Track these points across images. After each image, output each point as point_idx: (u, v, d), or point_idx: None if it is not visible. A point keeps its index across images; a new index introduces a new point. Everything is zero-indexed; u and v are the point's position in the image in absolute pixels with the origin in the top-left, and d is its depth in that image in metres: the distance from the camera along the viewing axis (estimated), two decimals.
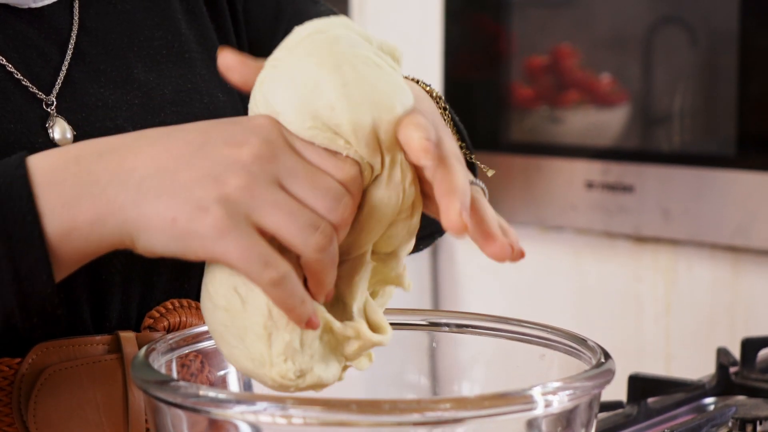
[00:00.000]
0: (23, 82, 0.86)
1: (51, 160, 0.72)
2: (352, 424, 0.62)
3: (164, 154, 0.70)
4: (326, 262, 0.69)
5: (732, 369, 1.22)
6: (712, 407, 1.16)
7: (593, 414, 0.71)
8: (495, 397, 0.64)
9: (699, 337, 1.93)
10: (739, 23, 1.80)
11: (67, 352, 0.83)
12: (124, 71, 0.91)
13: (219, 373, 0.80)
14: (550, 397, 0.65)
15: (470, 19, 2.11)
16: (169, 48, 0.95)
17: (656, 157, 1.92)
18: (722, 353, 1.23)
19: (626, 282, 2.00)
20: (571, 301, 2.07)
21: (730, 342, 1.50)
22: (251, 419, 0.64)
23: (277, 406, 0.63)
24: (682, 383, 1.18)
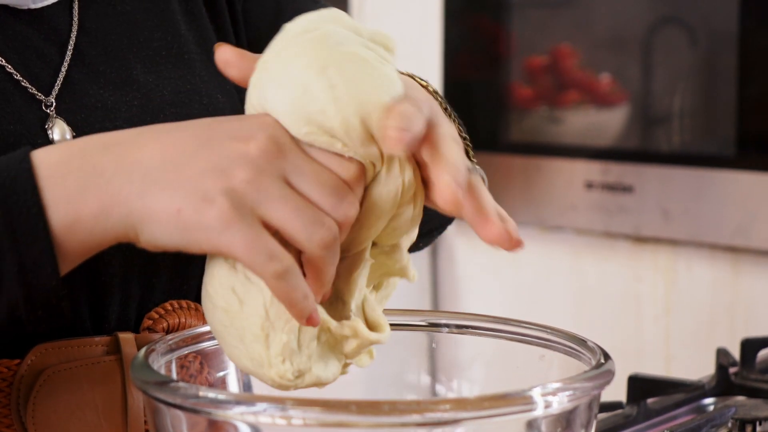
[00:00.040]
0: (23, 83, 0.86)
1: (55, 154, 0.72)
2: (351, 425, 0.62)
3: (170, 147, 0.70)
4: (328, 260, 0.69)
5: (732, 369, 1.21)
6: (711, 408, 1.16)
7: (593, 415, 0.71)
8: (495, 397, 0.64)
9: (699, 337, 1.93)
10: (738, 23, 1.80)
11: (66, 353, 0.83)
12: (123, 72, 0.91)
13: (218, 374, 0.80)
14: (550, 398, 0.65)
15: (470, 19, 2.11)
16: (168, 49, 0.95)
17: (656, 158, 1.92)
18: (722, 354, 1.23)
19: (626, 282, 2.00)
20: (570, 301, 2.07)
21: (730, 342, 1.50)
22: (251, 420, 0.64)
23: (277, 407, 0.63)
24: (681, 384, 1.17)
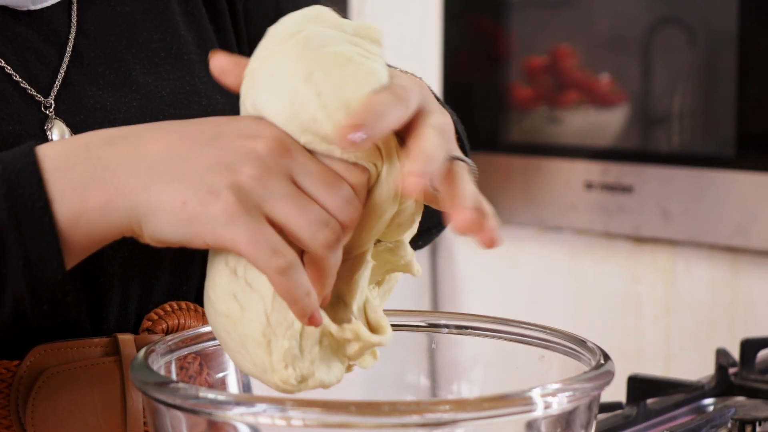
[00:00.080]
0: (22, 85, 0.86)
1: (60, 148, 0.72)
2: (351, 425, 0.62)
3: (177, 142, 0.70)
4: (330, 261, 0.69)
5: (731, 370, 1.21)
6: (711, 408, 1.16)
7: (593, 415, 0.71)
8: (494, 398, 0.64)
9: (698, 337, 1.93)
10: (738, 24, 1.80)
11: (66, 355, 0.83)
12: (122, 73, 0.91)
13: (218, 374, 0.80)
14: (550, 399, 0.65)
15: (469, 19, 2.11)
16: (167, 50, 0.95)
17: (655, 158, 1.92)
18: (721, 354, 1.23)
19: (625, 282, 2.00)
20: (570, 301, 2.07)
21: (730, 343, 1.50)
22: (250, 421, 0.64)
23: (277, 408, 0.63)
24: (681, 384, 1.17)
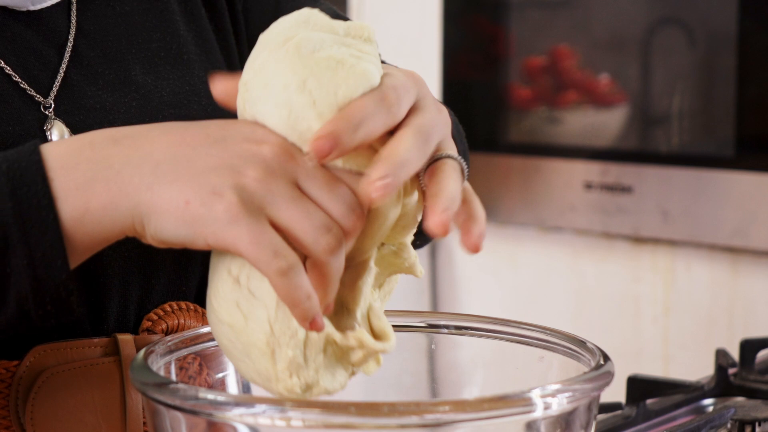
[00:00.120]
0: (21, 85, 0.86)
1: (65, 146, 0.72)
2: (351, 426, 0.62)
3: (181, 143, 0.70)
4: (332, 268, 0.69)
5: (731, 370, 1.21)
6: (710, 408, 1.16)
7: (592, 416, 0.71)
8: (494, 399, 0.64)
9: (698, 338, 1.93)
10: (737, 24, 1.80)
11: (65, 355, 0.83)
12: (122, 73, 0.91)
13: (218, 375, 0.80)
14: (549, 400, 0.65)
15: (469, 20, 2.11)
16: (167, 50, 0.95)
17: (655, 158, 1.92)
18: (721, 354, 1.23)
19: (625, 283, 2.00)
20: (569, 301, 2.07)
21: (729, 343, 1.50)
22: (250, 422, 0.64)
23: (276, 409, 0.63)
24: (680, 384, 1.17)
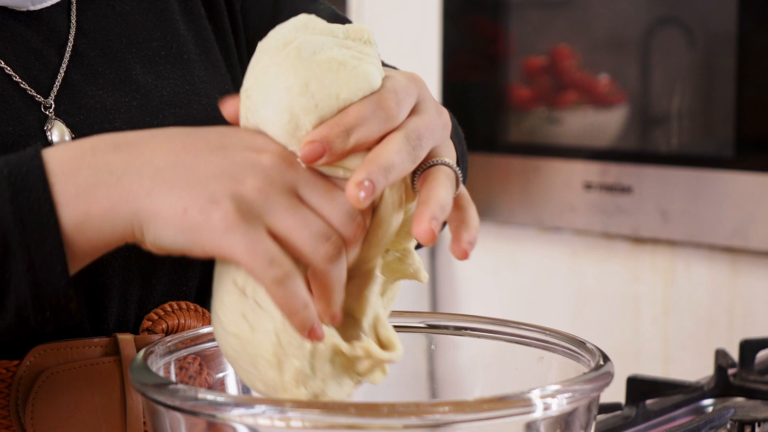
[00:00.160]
0: (21, 85, 0.86)
1: (67, 151, 0.72)
2: (350, 426, 0.62)
3: (182, 150, 0.70)
4: (333, 276, 0.69)
5: (730, 371, 1.21)
6: (710, 409, 1.16)
7: (592, 416, 0.71)
8: (494, 400, 0.64)
9: (697, 338, 1.93)
10: (737, 24, 1.80)
11: (65, 355, 0.83)
12: (122, 73, 0.91)
13: (218, 375, 0.80)
14: (549, 400, 0.65)
15: (468, 20, 2.11)
16: (167, 49, 0.95)
17: (654, 158, 1.92)
18: (720, 355, 1.23)
19: (624, 283, 2.00)
20: (569, 302, 2.07)
21: (729, 343, 1.50)
22: (250, 422, 0.64)
23: (276, 409, 0.63)
24: (680, 385, 1.17)
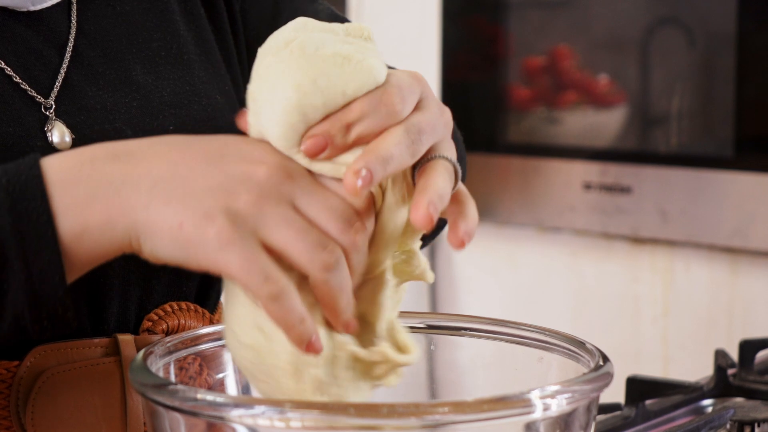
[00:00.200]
0: (22, 86, 0.86)
1: (65, 161, 0.72)
2: (350, 427, 0.62)
3: (180, 161, 0.70)
4: (334, 285, 0.69)
5: (730, 371, 1.21)
6: (710, 409, 1.16)
7: (591, 417, 0.71)
8: (493, 400, 0.64)
9: (697, 338, 1.93)
10: (736, 24, 1.80)
11: (65, 355, 0.83)
12: (122, 73, 0.91)
13: (217, 376, 0.80)
14: (549, 401, 0.65)
15: (468, 20, 2.11)
16: (167, 50, 0.95)
17: (654, 158, 1.92)
18: (720, 355, 1.23)
19: (624, 283, 2.00)
20: (568, 302, 2.07)
21: (728, 344, 1.50)
22: (249, 423, 0.64)
23: (275, 410, 0.63)
24: (680, 385, 1.17)
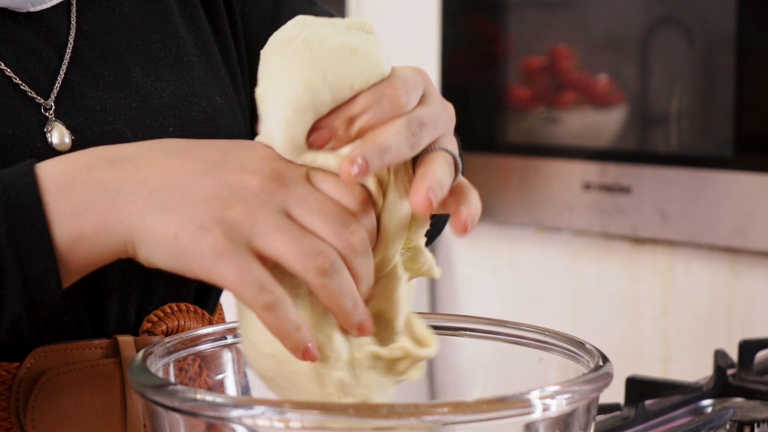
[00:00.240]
0: (21, 87, 0.86)
1: (61, 168, 0.72)
2: (350, 427, 0.62)
3: (177, 169, 0.70)
4: (333, 289, 0.69)
5: (729, 371, 1.21)
6: (709, 409, 1.16)
7: (591, 417, 0.71)
8: (493, 400, 0.64)
9: (696, 339, 1.93)
10: (736, 24, 1.80)
11: (65, 356, 0.83)
12: (122, 75, 0.91)
13: (217, 376, 0.80)
14: (548, 401, 0.65)
15: (467, 20, 2.11)
16: (167, 51, 0.95)
17: (653, 158, 1.92)
18: (720, 355, 1.23)
19: (624, 283, 2.00)
20: (568, 302, 2.07)
21: (728, 344, 1.50)
22: (249, 423, 0.64)
23: (275, 410, 0.63)
24: (679, 385, 1.17)
